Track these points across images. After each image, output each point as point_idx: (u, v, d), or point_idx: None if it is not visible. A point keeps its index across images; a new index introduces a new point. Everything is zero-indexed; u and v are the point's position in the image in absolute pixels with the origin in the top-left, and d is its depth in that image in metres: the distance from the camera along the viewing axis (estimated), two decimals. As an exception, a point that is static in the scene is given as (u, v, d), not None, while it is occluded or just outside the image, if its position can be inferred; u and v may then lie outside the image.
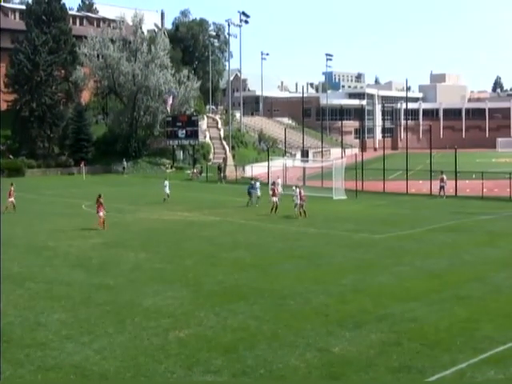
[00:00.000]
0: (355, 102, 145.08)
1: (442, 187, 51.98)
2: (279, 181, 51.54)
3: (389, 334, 16.89)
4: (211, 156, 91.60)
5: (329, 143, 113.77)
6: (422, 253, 28.43)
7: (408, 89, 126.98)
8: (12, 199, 43.12)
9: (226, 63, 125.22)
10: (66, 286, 22.50)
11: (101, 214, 34.97)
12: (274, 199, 41.58)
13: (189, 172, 78.87)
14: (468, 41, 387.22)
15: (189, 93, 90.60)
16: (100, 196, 36.09)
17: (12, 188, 43.49)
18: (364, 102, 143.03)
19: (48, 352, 15.72)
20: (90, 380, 14.21)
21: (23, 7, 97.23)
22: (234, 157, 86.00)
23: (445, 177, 52.21)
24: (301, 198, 39.46)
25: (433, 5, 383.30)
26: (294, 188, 41.89)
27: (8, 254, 28.24)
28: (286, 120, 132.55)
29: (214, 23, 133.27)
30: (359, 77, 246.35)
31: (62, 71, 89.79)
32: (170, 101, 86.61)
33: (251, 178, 53.69)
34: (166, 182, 50.49)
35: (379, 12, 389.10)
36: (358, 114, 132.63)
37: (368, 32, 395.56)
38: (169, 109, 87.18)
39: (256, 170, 71.79)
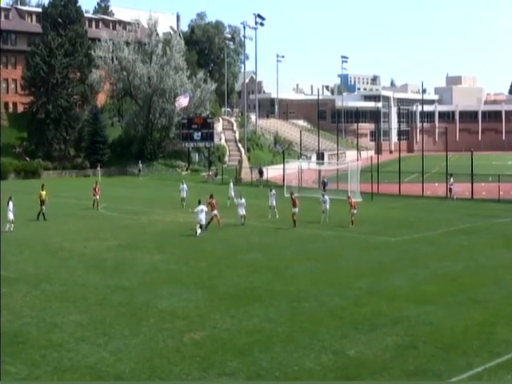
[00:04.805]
0: (371, 104, 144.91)
1: (449, 189, 53.00)
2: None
3: (404, 337, 16.83)
4: (226, 158, 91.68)
5: (344, 146, 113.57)
6: (437, 256, 28.31)
7: (424, 91, 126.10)
8: (97, 197, 44.81)
9: (242, 65, 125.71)
10: (81, 287, 22.59)
11: (215, 212, 36.22)
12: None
13: (204, 174, 78.91)
14: (484, 43, 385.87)
15: (204, 95, 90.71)
16: (211, 197, 37.04)
17: (96, 185, 45.09)
18: (380, 105, 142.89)
19: (64, 353, 15.79)
20: (105, 381, 14.24)
21: (39, 10, 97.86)
22: (249, 159, 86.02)
23: (452, 179, 53.04)
24: (353, 206, 37.86)
25: (449, 7, 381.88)
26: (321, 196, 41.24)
27: (24, 255, 28.47)
28: (301, 122, 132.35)
29: (229, 26, 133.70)
30: (375, 79, 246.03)
31: (78, 74, 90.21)
32: (184, 102, 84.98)
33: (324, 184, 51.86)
34: (183, 186, 47.81)
35: (395, 14, 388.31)
36: (374, 116, 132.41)
37: (383, 34, 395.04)
38: (180, 105, 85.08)
39: (271, 172, 71.75)
